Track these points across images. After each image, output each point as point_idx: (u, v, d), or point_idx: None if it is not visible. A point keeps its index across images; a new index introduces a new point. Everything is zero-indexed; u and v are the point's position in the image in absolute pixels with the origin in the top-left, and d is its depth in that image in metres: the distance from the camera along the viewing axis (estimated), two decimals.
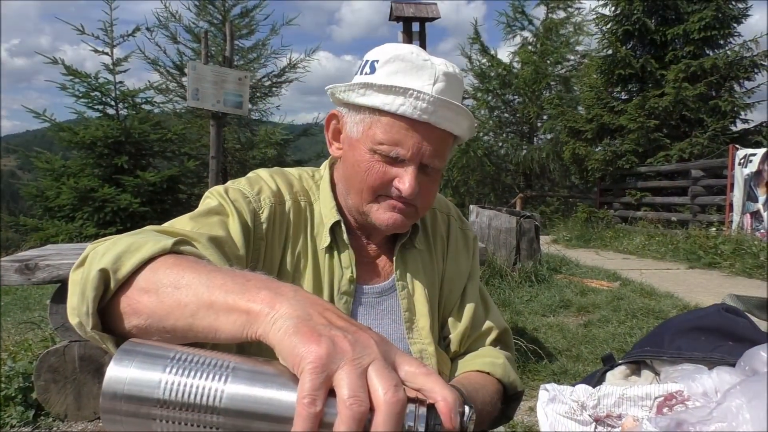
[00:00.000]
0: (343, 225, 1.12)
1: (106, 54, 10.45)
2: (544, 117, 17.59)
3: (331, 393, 0.49)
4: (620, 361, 1.05)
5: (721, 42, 12.24)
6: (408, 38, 12.60)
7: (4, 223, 11.25)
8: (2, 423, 2.91)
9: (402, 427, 0.49)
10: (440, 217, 1.28)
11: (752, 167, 8.92)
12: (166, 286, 0.65)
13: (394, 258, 1.17)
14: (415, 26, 13.59)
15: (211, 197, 1.03)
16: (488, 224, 6.19)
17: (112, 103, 10.57)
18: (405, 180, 1.01)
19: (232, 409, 0.51)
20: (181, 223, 0.93)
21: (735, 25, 12.15)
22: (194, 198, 11.84)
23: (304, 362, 0.49)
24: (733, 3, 12.10)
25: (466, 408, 0.99)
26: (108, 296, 0.69)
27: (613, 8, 13.17)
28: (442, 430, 0.51)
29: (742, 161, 9.15)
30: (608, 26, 13.23)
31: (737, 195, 9.16)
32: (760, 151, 8.91)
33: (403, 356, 0.54)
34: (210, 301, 0.60)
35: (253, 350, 0.92)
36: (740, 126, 12.28)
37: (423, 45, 12.43)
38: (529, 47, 18.34)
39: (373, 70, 1.04)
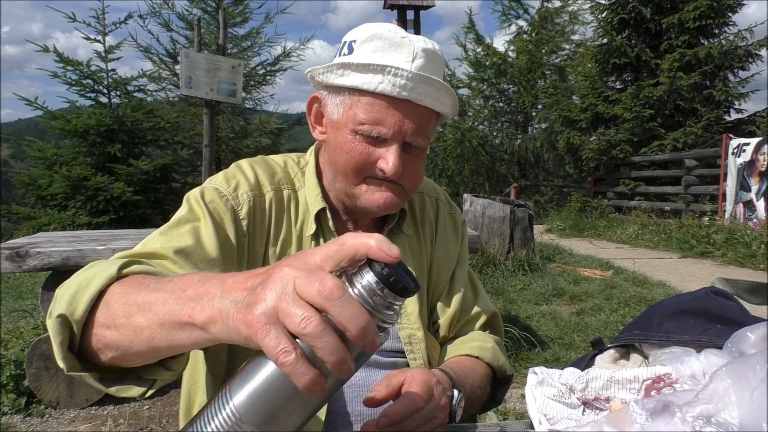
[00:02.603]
0: (328, 212, 1.11)
1: (99, 41, 10.36)
2: (539, 106, 17.56)
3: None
4: (609, 345, 1.05)
5: (716, 31, 12.24)
6: (403, 27, 12.53)
7: None
8: None
9: (361, 297, 0.51)
10: (428, 202, 1.27)
11: (745, 157, 8.96)
12: (119, 317, 0.66)
13: None
14: (410, 14, 13.53)
15: (185, 204, 1.03)
16: (482, 213, 6.19)
17: (105, 91, 10.49)
18: (388, 159, 1.00)
19: (251, 413, 0.53)
20: (152, 241, 0.94)
21: (730, 14, 12.13)
22: (188, 187, 11.79)
23: (254, 336, 0.50)
24: None
25: (455, 392, 1.00)
26: (77, 337, 0.71)
27: None
28: (391, 267, 0.52)
29: (735, 151, 9.18)
30: (603, 15, 13.20)
31: (730, 184, 9.20)
32: (754, 141, 8.94)
33: (318, 251, 0.54)
34: (159, 322, 0.61)
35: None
36: (734, 116, 12.32)
37: (418, 34, 12.36)
38: (524, 36, 18.26)
39: (351, 50, 1.03)
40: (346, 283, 0.52)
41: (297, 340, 0.50)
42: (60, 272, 2.92)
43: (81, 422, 2.86)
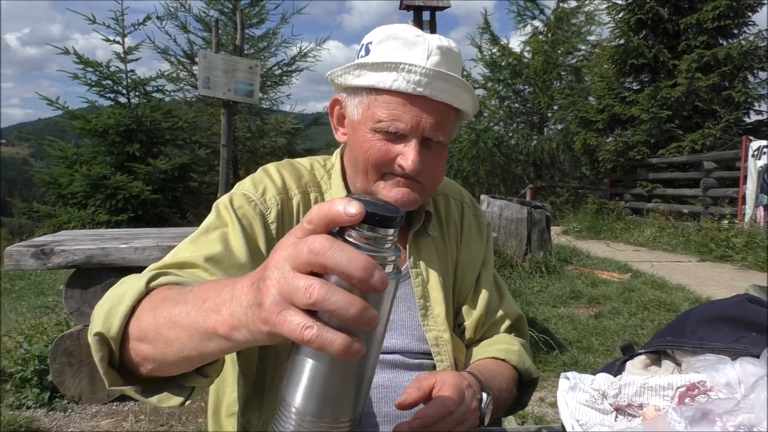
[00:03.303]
0: None
1: (118, 43, 10.47)
2: (555, 107, 17.46)
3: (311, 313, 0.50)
4: (640, 351, 1.04)
5: (735, 31, 12.07)
6: (419, 27, 12.53)
7: (18, 209, 11.34)
8: (19, 404, 2.95)
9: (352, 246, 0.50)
10: (453, 204, 1.27)
11: (766, 159, 8.83)
12: (150, 331, 0.68)
13: (408, 245, 1.17)
14: (426, 15, 13.54)
15: (213, 211, 1.05)
16: (499, 214, 6.17)
17: (124, 91, 10.60)
18: (408, 155, 1.01)
19: (308, 404, 0.53)
20: (183, 249, 0.96)
21: (750, 14, 11.96)
22: (205, 186, 11.88)
23: (274, 328, 0.51)
24: None
25: (484, 395, 1.00)
26: (116, 353, 0.73)
27: None
28: (365, 204, 0.50)
29: (755, 153, 9.05)
30: (620, 15, 13.07)
31: (750, 187, 9.07)
32: None
33: (294, 230, 0.54)
34: (187, 334, 0.63)
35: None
36: (754, 117, 12.13)
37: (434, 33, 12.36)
38: (540, 37, 18.16)
39: (368, 51, 1.04)
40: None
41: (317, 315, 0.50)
42: (83, 270, 2.96)
43: (102, 417, 2.90)
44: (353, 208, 0.49)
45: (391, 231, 0.52)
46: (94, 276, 2.96)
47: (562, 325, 4.37)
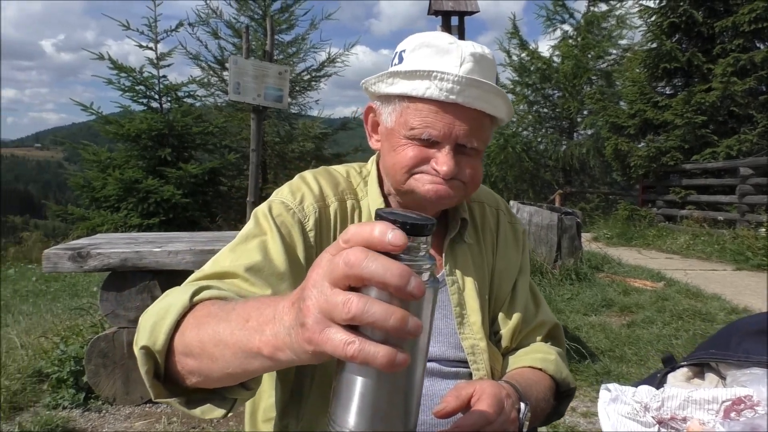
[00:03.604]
0: None
1: (150, 49, 10.69)
2: (585, 112, 17.25)
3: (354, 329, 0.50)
4: (682, 363, 1.02)
5: None
6: (447, 32, 12.49)
7: (52, 212, 11.63)
8: (56, 404, 3.02)
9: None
10: (489, 211, 1.27)
11: None
12: (194, 347, 0.70)
13: (444, 252, 1.16)
14: (454, 20, 13.47)
15: (252, 219, 1.05)
16: (529, 220, 6.11)
17: (156, 96, 10.81)
18: (441, 160, 1.01)
19: (359, 421, 0.53)
20: (223, 257, 0.98)
21: None
22: (234, 190, 12.02)
23: (318, 347, 0.51)
24: None
25: (522, 405, 0.99)
26: (162, 365, 0.75)
27: (658, 0, 12.80)
28: (395, 215, 0.52)
29: None
30: (653, 19, 12.85)
31: None
32: None
33: (328, 248, 0.54)
34: (231, 352, 0.64)
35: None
36: None
37: (462, 39, 12.31)
38: (570, 41, 17.98)
39: (401, 60, 1.05)
40: None
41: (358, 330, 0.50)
42: (118, 273, 3.02)
43: (136, 419, 2.94)
44: (398, 240, 0.49)
45: (424, 239, 0.52)
46: (129, 279, 3.02)
47: (594, 334, 4.30)
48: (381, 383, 0.52)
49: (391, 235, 0.49)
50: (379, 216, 0.52)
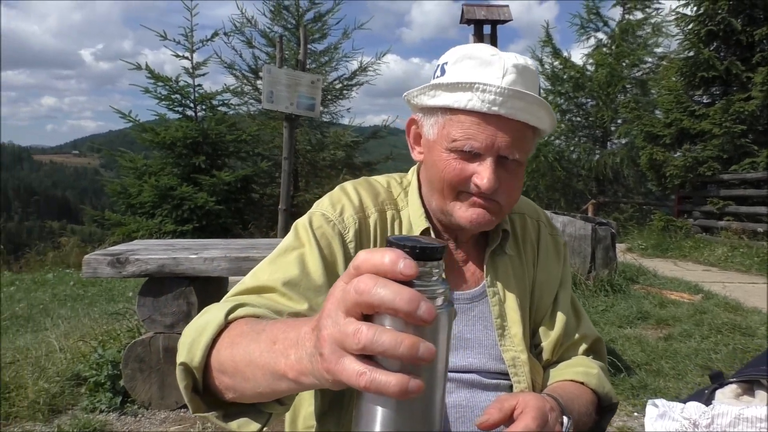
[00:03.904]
0: (432, 232, 1.12)
1: (186, 58, 10.89)
2: (619, 121, 16.99)
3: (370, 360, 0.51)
4: (731, 380, 1.00)
5: None
6: (479, 41, 12.49)
7: (89, 217, 11.90)
8: (93, 407, 3.08)
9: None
10: (530, 223, 1.26)
11: None
12: (228, 365, 0.73)
13: (485, 264, 1.16)
14: (486, 29, 13.45)
15: (292, 231, 1.07)
16: (562, 231, 6.03)
17: (191, 105, 11.00)
18: (483, 174, 1.00)
19: None
20: (261, 270, 1.00)
21: None
22: (266, 197, 12.14)
23: (336, 376, 0.52)
24: None
25: (564, 419, 0.97)
26: (200, 381, 0.78)
27: (695, 8, 12.54)
28: (406, 241, 0.52)
29: None
30: (690, 27, 12.61)
31: None
32: None
33: (341, 278, 0.55)
34: (261, 373, 0.67)
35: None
36: None
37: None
38: (604, 49, 17.75)
39: (443, 72, 1.05)
40: None
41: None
42: (155, 278, 3.07)
43: (171, 423, 2.98)
44: (409, 270, 0.49)
45: (436, 263, 0.53)
46: (166, 284, 3.07)
47: (629, 347, 4.21)
48: (398, 410, 0.52)
49: (403, 264, 0.49)
50: (390, 243, 0.53)
